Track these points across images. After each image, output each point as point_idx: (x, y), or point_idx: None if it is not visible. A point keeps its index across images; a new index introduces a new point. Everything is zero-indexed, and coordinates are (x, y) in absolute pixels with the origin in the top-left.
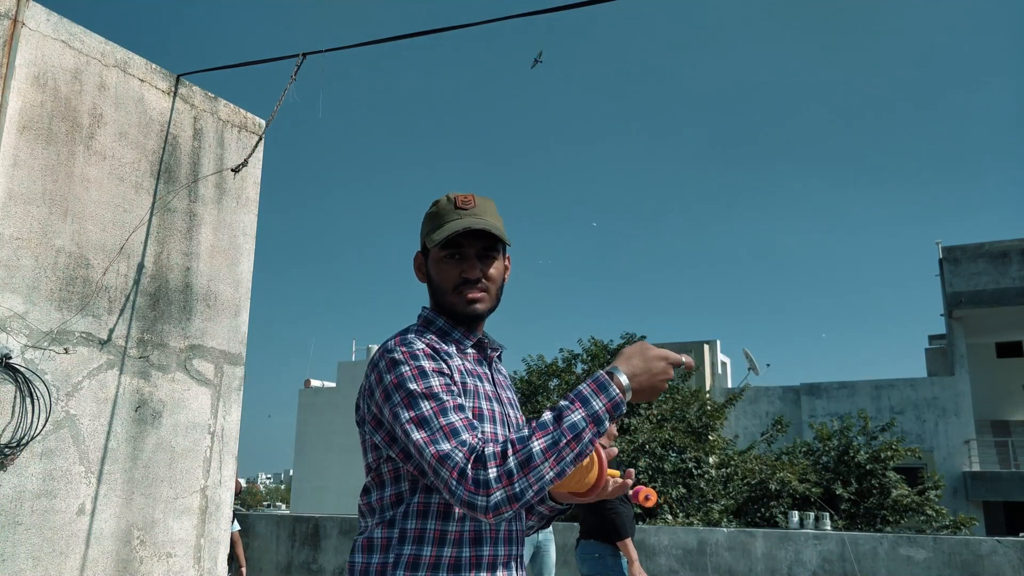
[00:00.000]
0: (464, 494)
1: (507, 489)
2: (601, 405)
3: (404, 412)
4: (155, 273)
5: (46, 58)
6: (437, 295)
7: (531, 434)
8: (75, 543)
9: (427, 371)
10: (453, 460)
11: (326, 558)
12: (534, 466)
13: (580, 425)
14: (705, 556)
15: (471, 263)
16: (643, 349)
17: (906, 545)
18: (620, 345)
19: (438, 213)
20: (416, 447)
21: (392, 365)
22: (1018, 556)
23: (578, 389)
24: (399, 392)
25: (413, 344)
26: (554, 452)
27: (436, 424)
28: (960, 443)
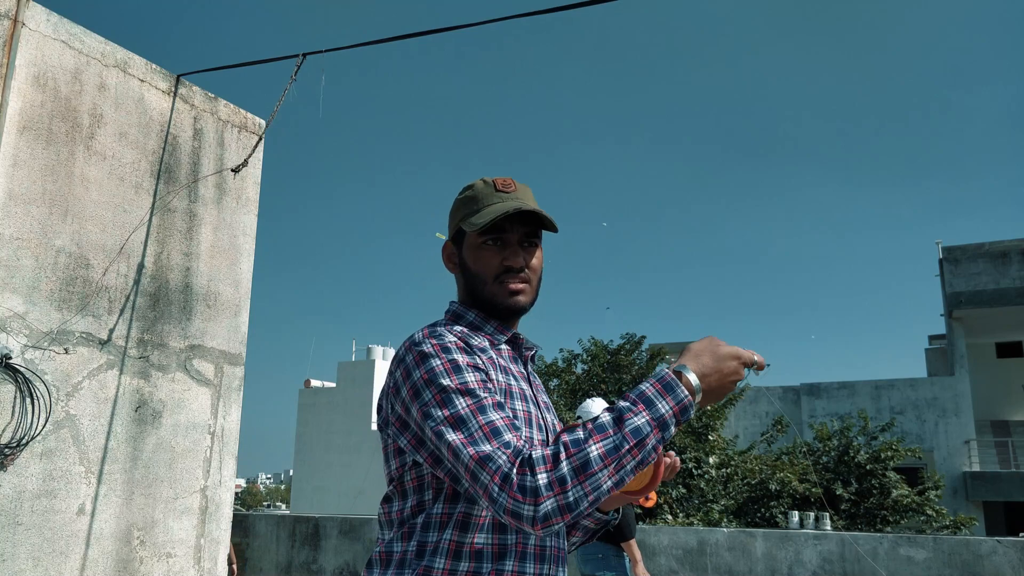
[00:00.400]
0: (508, 502)
1: (559, 498)
2: (668, 408)
3: (437, 411)
4: (155, 273)
5: (46, 58)
6: (473, 286)
7: (587, 437)
8: (75, 543)
9: (461, 365)
10: (495, 463)
11: (326, 558)
12: (591, 473)
13: (644, 430)
14: (705, 556)
15: (513, 250)
16: (713, 346)
17: (906, 545)
18: (620, 345)
19: (476, 197)
20: (451, 449)
21: (421, 359)
22: (1018, 556)
23: (640, 389)
24: (430, 389)
25: (444, 336)
26: (614, 459)
27: (474, 423)
28: (960, 443)
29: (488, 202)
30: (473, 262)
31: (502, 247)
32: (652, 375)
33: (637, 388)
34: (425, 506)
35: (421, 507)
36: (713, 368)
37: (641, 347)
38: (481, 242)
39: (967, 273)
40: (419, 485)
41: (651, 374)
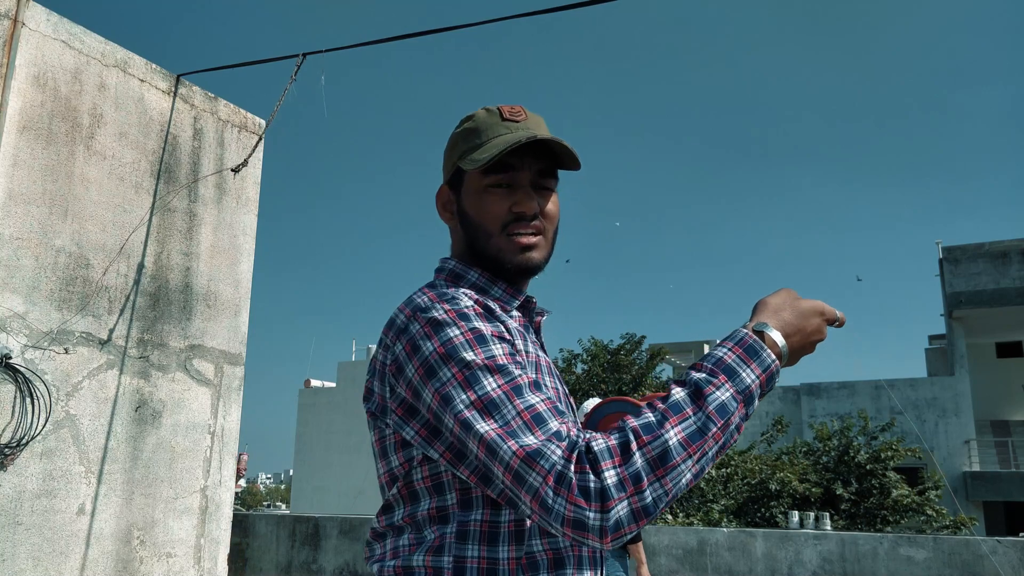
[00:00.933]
0: (567, 509)
1: (633, 500)
2: (753, 377)
3: (460, 393)
4: (155, 273)
5: (46, 58)
6: (475, 239)
7: (661, 419)
8: (75, 543)
9: (486, 335)
10: (547, 459)
11: (326, 558)
12: (671, 465)
13: (729, 407)
14: (705, 556)
15: (525, 193)
16: (793, 299)
17: (906, 545)
18: (620, 345)
19: (478, 128)
20: (483, 443)
21: (433, 329)
22: (1018, 556)
23: (716, 355)
24: (449, 365)
25: (458, 299)
26: (698, 445)
27: (511, 408)
28: (960, 443)
29: (493, 134)
30: (475, 209)
31: (510, 190)
32: (728, 337)
33: (711, 355)
34: (451, 512)
35: (444, 513)
36: (796, 326)
37: (641, 347)
38: (485, 184)
39: (967, 273)
40: (436, 485)
41: (726, 336)
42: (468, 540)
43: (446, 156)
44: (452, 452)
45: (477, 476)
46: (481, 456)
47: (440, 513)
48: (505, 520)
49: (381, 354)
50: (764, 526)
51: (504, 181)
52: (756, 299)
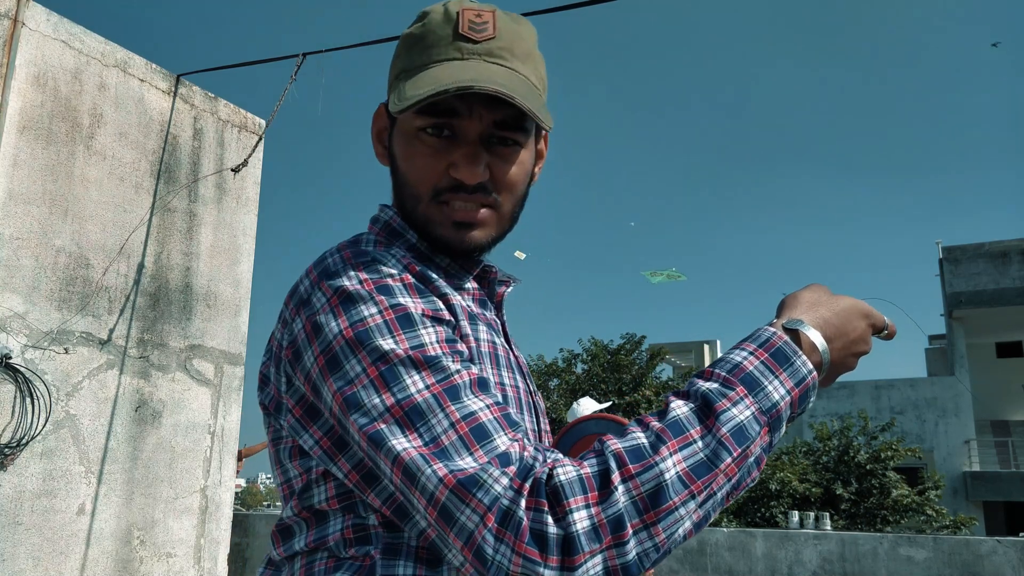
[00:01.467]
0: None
1: (610, 553)
2: (783, 392)
3: (372, 395)
4: (155, 273)
5: (46, 58)
6: (401, 196)
7: (656, 442)
8: (75, 543)
9: (413, 315)
10: (487, 491)
11: None
12: (666, 509)
13: (749, 431)
14: (705, 556)
15: (468, 154)
16: (829, 296)
17: (906, 545)
18: (620, 345)
19: (424, 40)
20: (400, 465)
21: (343, 302)
22: (1018, 556)
23: (733, 360)
24: (359, 355)
25: (380, 264)
26: (705, 482)
27: (442, 417)
28: (960, 443)
29: (437, 55)
30: (403, 158)
31: (451, 143)
32: (749, 337)
33: (726, 359)
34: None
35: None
36: (838, 329)
37: (641, 347)
38: (418, 127)
39: (967, 273)
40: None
41: (749, 336)
42: (399, 556)
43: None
44: (360, 473)
45: (391, 508)
46: (396, 482)
47: (359, 533)
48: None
49: (279, 332)
50: (764, 526)
51: (444, 125)
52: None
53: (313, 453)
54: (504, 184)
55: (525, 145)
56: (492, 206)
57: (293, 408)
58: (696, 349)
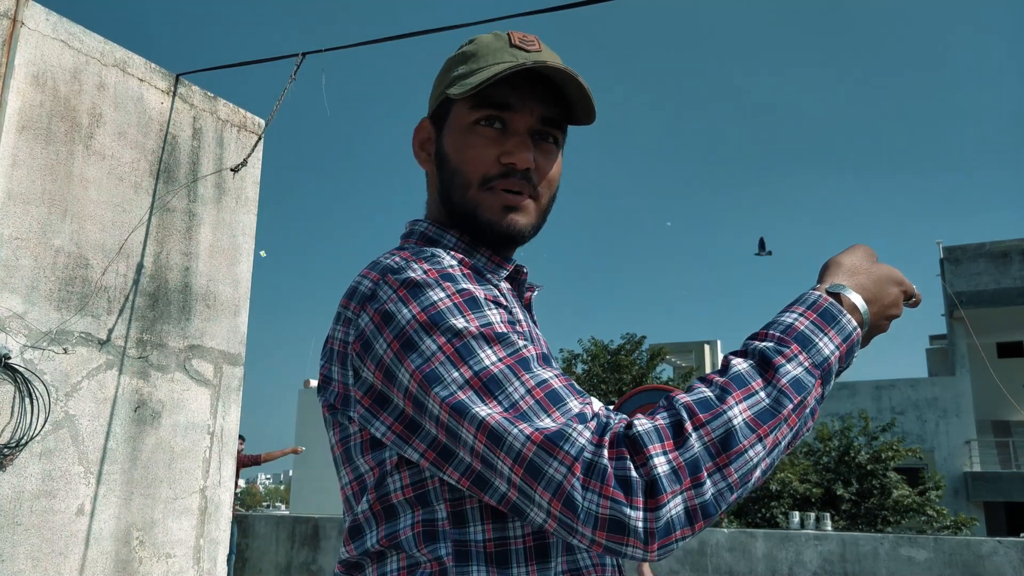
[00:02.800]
0: (602, 506)
1: (690, 494)
2: (832, 347)
3: (451, 369)
4: (154, 273)
5: (45, 58)
6: (450, 187)
7: (721, 393)
8: (74, 543)
9: (479, 298)
10: (573, 443)
11: (326, 559)
12: (737, 451)
13: (805, 383)
14: (705, 556)
15: (520, 142)
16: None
17: (907, 546)
18: (620, 345)
19: (477, 53)
20: (485, 430)
21: (411, 291)
22: (1019, 556)
23: (785, 322)
24: (434, 335)
25: (440, 258)
26: (771, 427)
27: (519, 384)
28: (961, 443)
29: (495, 60)
30: (455, 150)
31: (502, 134)
32: (796, 301)
33: (777, 321)
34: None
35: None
36: (874, 293)
37: (641, 347)
38: (472, 120)
39: (968, 273)
40: (419, 496)
41: (795, 299)
42: (471, 561)
43: (434, 85)
44: (436, 450)
45: (470, 479)
46: (479, 448)
47: (427, 529)
48: (516, 535)
49: (340, 331)
50: (764, 526)
51: (496, 118)
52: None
53: (386, 439)
54: (544, 177)
55: (561, 146)
56: (533, 196)
57: (362, 399)
58: (696, 349)
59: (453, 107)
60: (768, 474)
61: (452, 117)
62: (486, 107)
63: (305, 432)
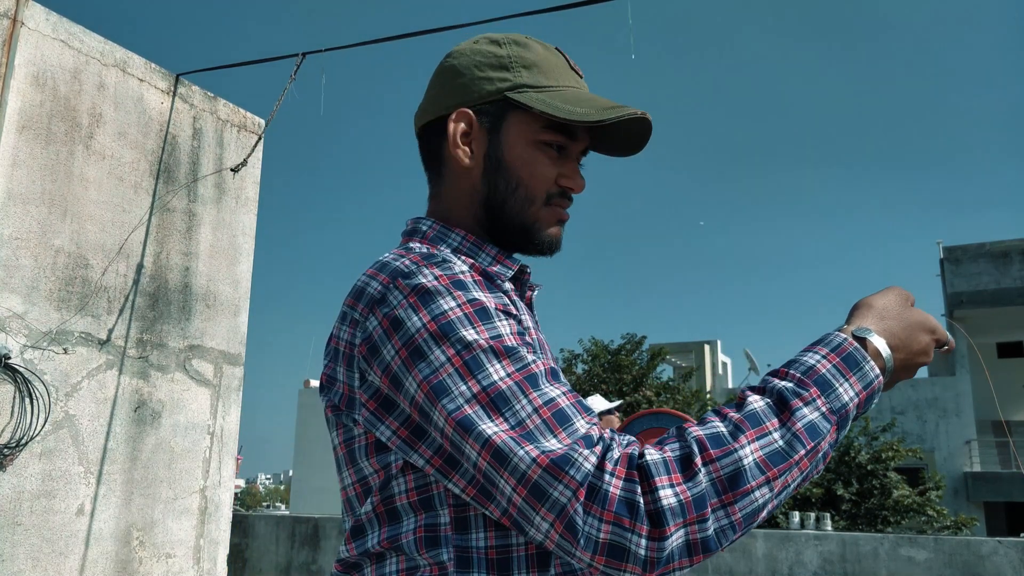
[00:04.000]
0: (603, 531)
1: (692, 529)
2: (852, 394)
3: (458, 383)
4: (154, 273)
5: (45, 58)
6: (506, 196)
7: (734, 430)
8: (74, 543)
9: (489, 309)
10: (579, 468)
11: (326, 559)
12: (744, 491)
13: (821, 428)
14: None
15: (575, 167)
16: (902, 305)
17: (907, 546)
18: (621, 345)
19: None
20: (490, 448)
21: (422, 298)
22: (1019, 557)
23: (808, 363)
24: (444, 346)
25: (451, 264)
26: (780, 470)
27: (526, 403)
28: (961, 443)
29: (566, 81)
30: (522, 164)
31: (561, 158)
32: (820, 342)
33: (800, 361)
34: (442, 534)
35: (434, 535)
36: (902, 340)
37: (642, 347)
38: (543, 140)
39: (968, 273)
40: (423, 500)
41: (820, 339)
42: (472, 568)
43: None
44: (442, 458)
45: (475, 489)
46: (483, 465)
47: (430, 534)
48: (518, 542)
49: (347, 332)
50: (764, 526)
51: (561, 147)
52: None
53: (391, 444)
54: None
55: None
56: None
57: (367, 402)
58: (696, 349)
59: (513, 114)
60: (770, 514)
61: (515, 126)
62: (560, 132)
63: (305, 432)
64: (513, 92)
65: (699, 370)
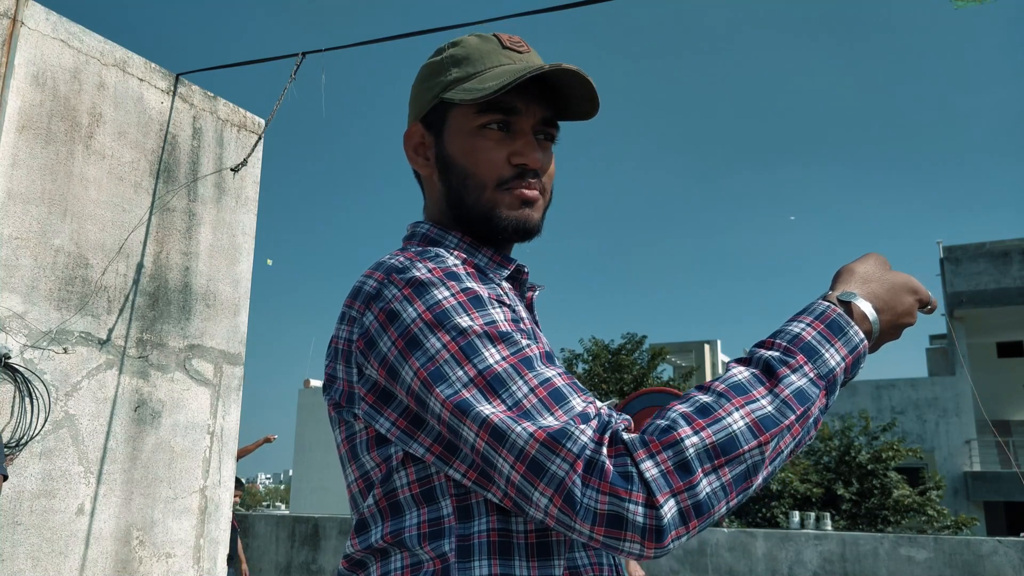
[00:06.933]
0: (601, 502)
1: (684, 496)
2: (839, 359)
3: (455, 368)
4: (154, 273)
5: (45, 57)
6: (460, 192)
7: (719, 399)
8: (74, 543)
9: (483, 297)
10: (575, 441)
11: (326, 558)
12: (735, 455)
13: (809, 394)
14: (706, 556)
15: (528, 143)
16: (884, 268)
17: (907, 545)
18: (621, 345)
19: (470, 56)
20: (488, 428)
21: (416, 290)
22: (1019, 556)
23: (792, 331)
24: (439, 333)
25: (444, 258)
26: (773, 434)
27: (522, 383)
28: (961, 443)
29: (493, 62)
30: (463, 154)
31: (508, 136)
32: (804, 311)
33: (784, 331)
34: (446, 526)
35: (438, 528)
36: (887, 302)
37: (642, 347)
38: (478, 125)
39: (968, 273)
40: (425, 492)
41: (804, 309)
42: (473, 556)
43: (420, 88)
44: (442, 444)
45: (476, 472)
46: (481, 446)
47: (433, 528)
48: (519, 529)
49: (345, 330)
50: (765, 526)
51: (504, 123)
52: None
53: (391, 435)
54: (546, 172)
55: (554, 143)
56: (540, 191)
57: (366, 396)
58: (696, 349)
59: (452, 111)
60: (768, 481)
61: (453, 121)
62: (494, 111)
63: (305, 432)
64: (444, 92)
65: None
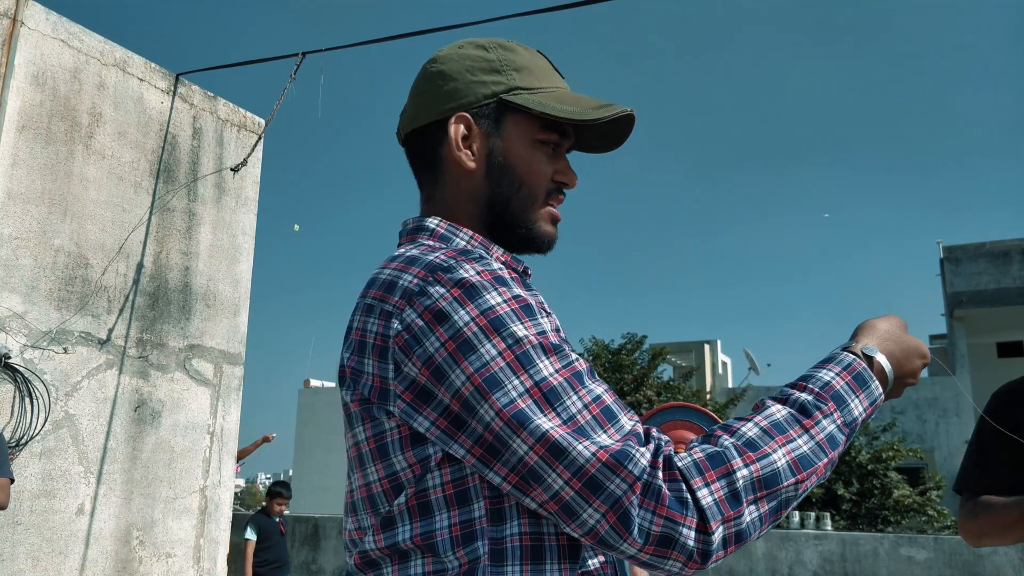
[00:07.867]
0: (655, 523)
1: (730, 525)
2: (861, 410)
3: (511, 377)
4: (154, 273)
5: (45, 57)
6: (510, 195)
7: (763, 435)
8: (74, 543)
9: (532, 306)
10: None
11: (326, 558)
12: (775, 491)
13: (837, 439)
14: None
15: (568, 164)
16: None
17: (907, 545)
18: (621, 345)
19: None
20: (546, 443)
21: (468, 292)
22: (1019, 556)
23: (824, 379)
24: (494, 340)
25: (489, 260)
26: (808, 474)
27: (576, 399)
28: (961, 443)
29: (554, 83)
30: (523, 163)
31: (554, 157)
32: (834, 359)
33: (816, 377)
34: (478, 528)
35: (470, 531)
36: (899, 363)
37: (642, 347)
38: (540, 139)
39: (968, 273)
40: (459, 494)
41: (831, 358)
42: (506, 560)
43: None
44: (483, 447)
45: (517, 477)
46: (533, 458)
47: (465, 530)
48: (550, 531)
49: (377, 324)
50: None
51: (556, 145)
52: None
53: (430, 434)
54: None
55: None
56: None
57: (403, 393)
58: (696, 349)
59: (512, 115)
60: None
61: (515, 127)
62: (555, 131)
63: (305, 432)
64: (508, 94)
65: (699, 370)
